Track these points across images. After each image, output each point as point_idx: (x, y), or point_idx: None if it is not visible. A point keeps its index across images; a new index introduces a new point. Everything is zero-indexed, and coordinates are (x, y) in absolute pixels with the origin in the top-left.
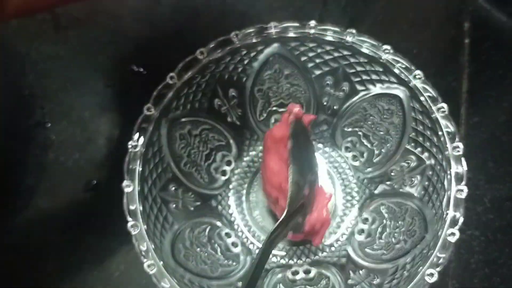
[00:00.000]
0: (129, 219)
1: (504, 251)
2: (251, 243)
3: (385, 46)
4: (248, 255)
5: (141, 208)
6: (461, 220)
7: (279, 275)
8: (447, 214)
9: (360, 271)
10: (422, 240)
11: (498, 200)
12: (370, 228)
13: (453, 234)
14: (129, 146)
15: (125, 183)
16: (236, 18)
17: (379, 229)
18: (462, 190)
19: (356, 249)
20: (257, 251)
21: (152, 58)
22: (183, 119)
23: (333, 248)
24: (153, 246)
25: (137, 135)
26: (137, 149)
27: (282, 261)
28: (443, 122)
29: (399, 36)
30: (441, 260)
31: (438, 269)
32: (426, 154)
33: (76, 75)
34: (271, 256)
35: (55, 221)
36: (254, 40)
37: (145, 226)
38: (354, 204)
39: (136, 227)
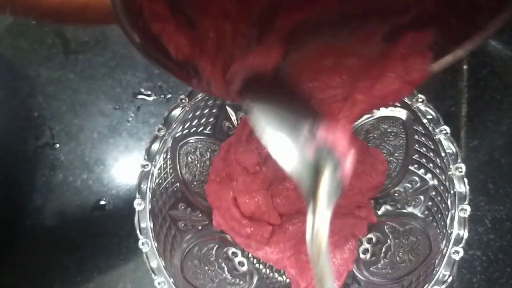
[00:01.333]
0: (140, 236)
1: (506, 271)
2: (258, 262)
3: None
4: (255, 274)
5: (151, 225)
6: (466, 237)
7: None
8: (451, 232)
9: None
10: (427, 258)
11: (498, 220)
12: (374, 248)
13: (457, 252)
14: (140, 166)
15: (136, 201)
16: None
17: (384, 249)
18: (465, 209)
19: (361, 268)
20: (263, 270)
21: (160, 81)
22: (192, 140)
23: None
24: (163, 263)
25: (148, 155)
26: (148, 168)
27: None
28: (445, 143)
29: None
30: (446, 278)
31: (443, 286)
32: (429, 175)
33: (85, 98)
34: (278, 276)
35: (63, 240)
36: None
37: (156, 244)
38: None
39: (147, 244)
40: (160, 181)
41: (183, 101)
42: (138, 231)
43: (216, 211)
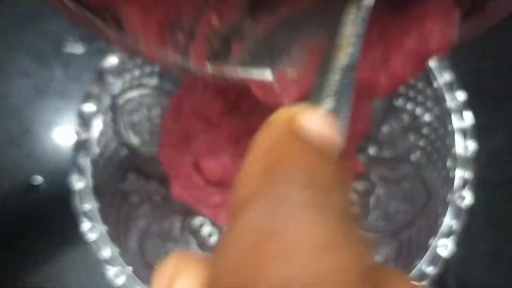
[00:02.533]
0: (85, 221)
1: (507, 209)
2: None
3: None
4: None
5: (98, 206)
6: (471, 179)
7: None
8: (453, 175)
9: None
10: (425, 206)
11: (494, 154)
12: (362, 199)
13: (462, 197)
14: (74, 134)
15: (74, 177)
16: None
17: (372, 199)
18: (468, 146)
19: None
20: None
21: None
22: (136, 94)
23: None
24: (118, 250)
25: (82, 119)
26: (84, 136)
27: None
28: (437, 70)
29: None
30: (453, 228)
31: (451, 239)
32: (419, 109)
33: (2, 58)
34: None
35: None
36: None
37: (106, 227)
38: None
39: (94, 230)
40: (102, 150)
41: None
42: (80, 215)
43: (174, 180)
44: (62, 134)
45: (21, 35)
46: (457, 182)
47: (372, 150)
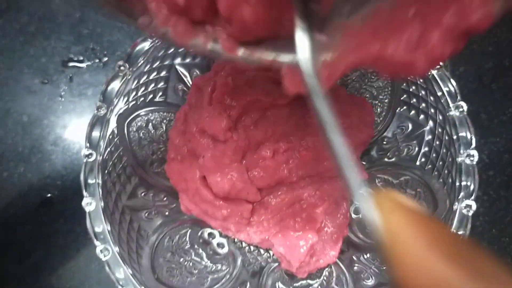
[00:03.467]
0: (97, 242)
1: (509, 208)
2: (240, 239)
3: None
4: (238, 255)
5: (108, 227)
6: (476, 189)
7: (277, 273)
8: (460, 184)
9: (365, 256)
10: (432, 213)
11: (496, 154)
12: None
13: (469, 206)
14: (83, 156)
15: (85, 201)
16: None
17: None
18: (472, 155)
19: (355, 230)
20: (247, 248)
21: (93, 42)
22: (142, 113)
23: None
24: (130, 271)
25: (89, 141)
26: (92, 158)
27: None
28: (440, 79)
29: None
30: (460, 234)
31: None
32: (422, 117)
33: (5, 75)
34: (265, 252)
35: (9, 247)
36: None
37: (117, 248)
38: None
39: (106, 251)
40: (110, 169)
41: (122, 68)
42: (93, 237)
43: (182, 194)
44: (69, 150)
45: (25, 52)
46: (461, 189)
47: (376, 156)
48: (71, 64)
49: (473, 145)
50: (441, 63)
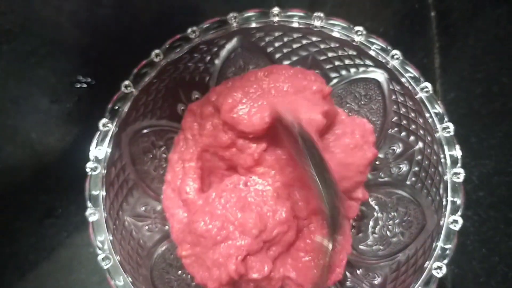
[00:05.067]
0: (99, 252)
1: (499, 228)
2: None
3: (357, 28)
4: None
5: (110, 237)
6: (462, 205)
7: None
8: (446, 200)
9: (358, 271)
10: (422, 231)
11: (485, 175)
12: (360, 223)
13: (455, 221)
14: (88, 170)
15: (88, 211)
16: (189, 13)
17: (371, 223)
18: (459, 173)
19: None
20: None
21: (100, 65)
22: (145, 131)
23: None
24: (130, 279)
25: (95, 155)
26: (97, 171)
27: None
28: (428, 102)
29: (363, 16)
30: (447, 252)
31: (445, 261)
32: (412, 137)
33: (16, 94)
34: None
35: (12, 260)
36: (213, 35)
37: (118, 257)
38: None
39: (108, 259)
40: (114, 183)
41: (128, 88)
42: (95, 246)
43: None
44: (75, 166)
45: (35, 73)
46: (450, 207)
47: (370, 176)
48: (79, 85)
49: (459, 163)
50: (430, 90)
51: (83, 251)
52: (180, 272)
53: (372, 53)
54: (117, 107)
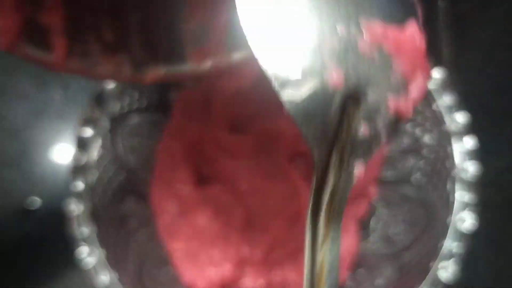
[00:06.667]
0: (82, 246)
1: (507, 228)
2: None
3: None
4: None
5: (96, 230)
6: (470, 202)
7: None
8: (454, 197)
9: (358, 270)
10: (427, 229)
11: (495, 173)
12: (362, 221)
13: (463, 219)
14: (72, 158)
15: (71, 202)
16: None
17: (373, 221)
18: (467, 169)
19: None
20: None
21: None
22: (135, 119)
23: None
24: (117, 275)
25: (80, 143)
26: (82, 161)
27: None
28: (436, 92)
29: None
30: (454, 251)
31: (452, 261)
32: (418, 130)
33: (2, 80)
34: None
35: None
36: None
37: (104, 251)
38: None
39: (92, 254)
40: (101, 173)
41: None
42: (78, 240)
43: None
44: (60, 156)
45: (21, 58)
46: (457, 204)
47: None
48: None
49: (468, 158)
50: (439, 79)
51: (67, 246)
52: (168, 268)
53: None
54: (104, 90)
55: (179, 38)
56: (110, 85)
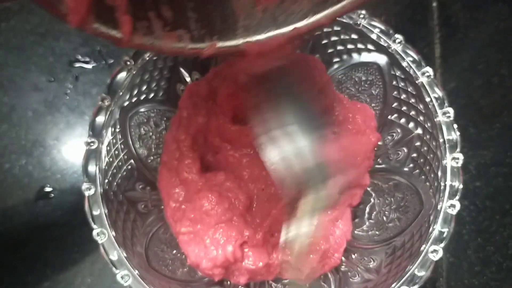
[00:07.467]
0: (94, 226)
1: (494, 219)
2: None
3: (359, 11)
4: None
5: (106, 212)
6: (460, 189)
7: None
8: (444, 185)
9: (353, 255)
10: (418, 216)
11: (483, 166)
12: (356, 209)
13: (453, 206)
14: (85, 143)
15: (84, 185)
16: None
17: (367, 209)
18: (457, 158)
19: None
20: None
21: (100, 45)
22: (144, 109)
23: None
24: (124, 254)
25: (92, 130)
26: (94, 146)
27: None
28: (429, 87)
29: (364, 4)
30: (444, 235)
31: (442, 245)
32: (412, 123)
33: (13, 72)
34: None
35: (6, 237)
36: None
37: (114, 232)
38: None
39: (102, 234)
40: (111, 159)
41: (128, 63)
42: (90, 220)
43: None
44: (71, 146)
45: (33, 52)
46: (448, 191)
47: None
48: (77, 64)
49: (459, 148)
50: (431, 74)
51: (77, 230)
52: (175, 251)
53: (373, 36)
54: (116, 83)
55: (232, 13)
56: (121, 76)
